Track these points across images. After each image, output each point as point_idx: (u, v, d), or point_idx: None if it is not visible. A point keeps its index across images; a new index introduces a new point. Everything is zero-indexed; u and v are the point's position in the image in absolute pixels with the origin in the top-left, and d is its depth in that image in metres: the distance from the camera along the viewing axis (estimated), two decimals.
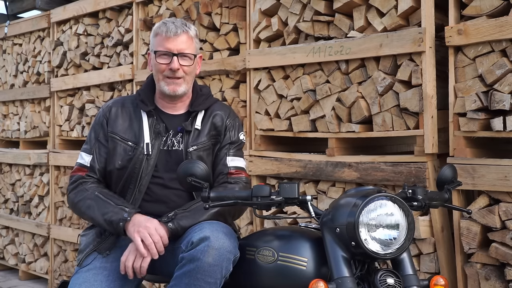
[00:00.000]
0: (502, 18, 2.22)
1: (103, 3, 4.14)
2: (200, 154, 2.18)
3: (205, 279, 1.82)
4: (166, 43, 2.15)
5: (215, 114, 2.25)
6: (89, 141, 2.23)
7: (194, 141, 2.18)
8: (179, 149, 2.18)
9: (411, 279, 1.71)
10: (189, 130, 2.19)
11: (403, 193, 1.87)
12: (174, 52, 2.15)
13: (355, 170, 2.65)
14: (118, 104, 2.26)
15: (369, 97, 2.61)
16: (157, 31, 2.18)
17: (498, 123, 2.23)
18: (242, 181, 2.19)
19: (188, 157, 2.15)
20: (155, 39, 2.19)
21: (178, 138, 2.20)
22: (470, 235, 2.33)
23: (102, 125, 2.22)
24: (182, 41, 2.16)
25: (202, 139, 2.20)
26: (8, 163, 5.19)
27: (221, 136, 2.23)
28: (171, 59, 2.15)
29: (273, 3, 3.02)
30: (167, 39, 2.14)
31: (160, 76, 2.18)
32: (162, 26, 2.16)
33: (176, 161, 2.14)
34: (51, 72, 4.71)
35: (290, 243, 1.86)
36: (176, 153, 2.18)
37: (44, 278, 4.89)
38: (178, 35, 2.15)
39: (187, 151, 2.16)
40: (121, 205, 2.06)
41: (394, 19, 2.54)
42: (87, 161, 2.19)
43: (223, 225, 1.99)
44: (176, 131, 2.20)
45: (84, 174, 2.18)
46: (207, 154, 2.20)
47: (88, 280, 1.99)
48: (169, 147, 2.19)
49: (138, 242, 1.94)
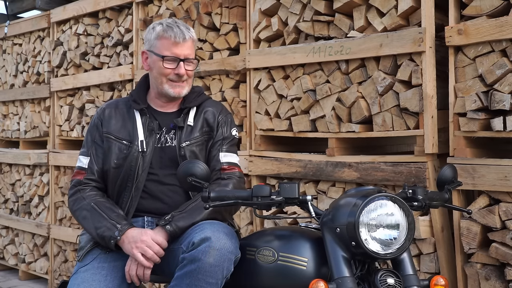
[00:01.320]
0: (502, 18, 2.22)
1: (103, 3, 4.14)
2: (193, 149, 2.20)
3: (206, 280, 1.82)
4: (174, 49, 2.16)
5: (206, 111, 2.28)
6: (86, 143, 2.26)
7: (187, 137, 2.20)
8: (172, 145, 2.20)
9: (411, 279, 1.72)
10: (181, 126, 2.21)
11: (403, 193, 1.87)
12: (181, 57, 2.17)
13: (355, 170, 2.65)
14: (112, 105, 2.29)
15: (369, 97, 2.61)
16: (163, 34, 2.17)
17: (498, 123, 2.23)
18: (236, 176, 2.20)
19: (181, 153, 2.17)
20: (160, 42, 2.17)
21: (171, 134, 2.22)
22: (470, 235, 2.33)
23: (97, 127, 2.24)
24: (188, 47, 2.19)
25: (195, 134, 2.22)
26: (8, 163, 5.19)
27: (213, 132, 2.25)
28: (177, 64, 2.17)
29: (273, 3, 3.02)
30: (176, 45, 2.16)
31: (164, 79, 2.20)
32: (169, 31, 2.16)
33: (170, 157, 2.18)
34: (51, 72, 4.71)
35: (290, 243, 1.86)
36: (169, 149, 2.20)
37: (44, 278, 4.88)
38: (186, 40, 2.17)
39: (180, 147, 2.18)
40: (114, 219, 2.07)
41: (394, 19, 2.54)
42: (85, 163, 2.22)
43: (224, 226, 1.99)
44: (169, 128, 2.23)
45: (83, 178, 2.20)
46: (200, 150, 2.22)
47: (86, 280, 2.00)
48: (163, 144, 2.21)
49: (140, 258, 1.98)
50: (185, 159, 2.15)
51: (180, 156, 2.17)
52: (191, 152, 2.18)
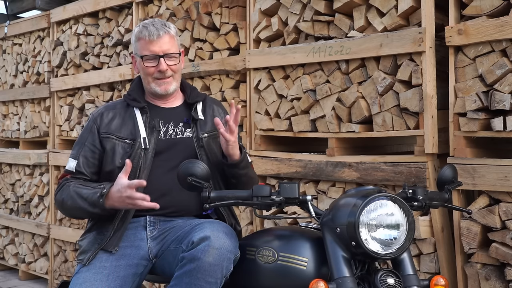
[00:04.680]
0: (502, 18, 2.22)
1: (103, 3, 4.14)
2: (210, 141, 2.23)
3: (205, 279, 1.82)
4: (151, 46, 2.17)
5: (211, 107, 2.32)
6: (75, 146, 2.23)
7: (203, 129, 2.24)
8: (184, 137, 2.22)
9: (411, 279, 1.72)
10: (196, 119, 2.24)
11: (404, 193, 1.87)
12: (160, 54, 2.18)
13: (355, 170, 2.65)
14: (110, 107, 2.28)
15: (369, 97, 2.61)
16: (139, 35, 2.20)
17: (498, 123, 2.23)
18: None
19: (200, 144, 2.20)
20: (138, 43, 2.21)
21: (180, 127, 2.23)
22: (470, 235, 2.33)
23: (92, 130, 2.21)
24: (165, 42, 2.19)
25: (210, 127, 2.25)
26: (8, 163, 5.19)
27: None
28: (158, 61, 2.18)
29: (273, 3, 3.02)
30: (151, 42, 2.17)
31: (150, 78, 2.21)
32: (144, 30, 2.19)
33: (183, 149, 2.19)
34: (51, 72, 4.71)
35: (291, 243, 1.86)
36: (183, 142, 2.21)
37: (44, 278, 4.88)
38: (160, 36, 2.18)
39: (199, 138, 2.21)
40: (97, 186, 2.06)
41: (394, 19, 2.54)
42: (72, 166, 2.18)
43: (224, 225, 1.99)
44: (177, 121, 2.24)
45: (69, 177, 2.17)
46: (216, 142, 2.24)
47: (88, 279, 1.99)
48: (172, 136, 2.21)
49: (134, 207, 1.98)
50: (204, 150, 2.18)
51: (198, 147, 2.19)
52: (208, 145, 2.21)
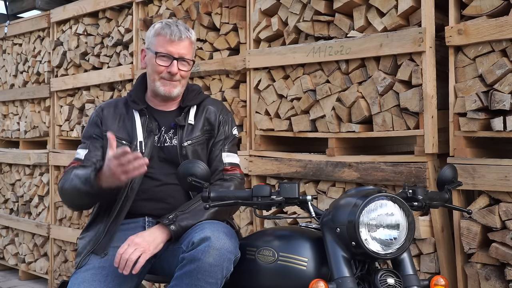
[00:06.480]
0: (502, 18, 2.22)
1: (103, 3, 4.14)
2: (195, 148, 2.19)
3: (206, 279, 1.82)
4: (169, 46, 2.14)
5: (207, 109, 2.26)
6: (84, 138, 2.24)
7: (188, 136, 2.19)
8: (171, 144, 2.18)
9: (412, 279, 1.71)
10: (182, 125, 2.19)
11: (404, 193, 1.87)
12: (175, 56, 2.15)
13: (355, 170, 2.65)
14: (111, 105, 2.27)
15: (369, 97, 2.61)
16: (160, 31, 2.16)
17: (498, 123, 2.23)
18: (238, 178, 2.20)
19: (182, 152, 2.16)
20: (157, 39, 2.17)
21: (170, 134, 2.20)
22: (470, 235, 2.33)
23: (97, 123, 2.22)
24: (184, 46, 2.17)
25: (197, 133, 2.21)
26: (8, 163, 5.18)
27: (214, 131, 2.24)
28: (171, 62, 2.15)
29: (273, 3, 3.02)
30: (171, 42, 2.14)
31: (157, 76, 2.18)
32: (166, 28, 2.15)
33: (169, 157, 2.16)
34: (51, 72, 4.71)
35: (291, 243, 1.85)
36: (168, 149, 2.18)
37: (44, 278, 4.88)
38: (182, 39, 2.15)
39: (182, 146, 2.16)
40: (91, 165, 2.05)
41: (394, 19, 2.54)
42: (82, 154, 2.18)
43: (224, 225, 1.99)
44: (169, 127, 2.21)
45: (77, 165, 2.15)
46: (202, 149, 2.21)
47: (86, 280, 1.98)
48: (162, 143, 2.19)
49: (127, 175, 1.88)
50: (186, 158, 2.13)
51: (181, 155, 2.15)
52: (192, 152, 2.17)
